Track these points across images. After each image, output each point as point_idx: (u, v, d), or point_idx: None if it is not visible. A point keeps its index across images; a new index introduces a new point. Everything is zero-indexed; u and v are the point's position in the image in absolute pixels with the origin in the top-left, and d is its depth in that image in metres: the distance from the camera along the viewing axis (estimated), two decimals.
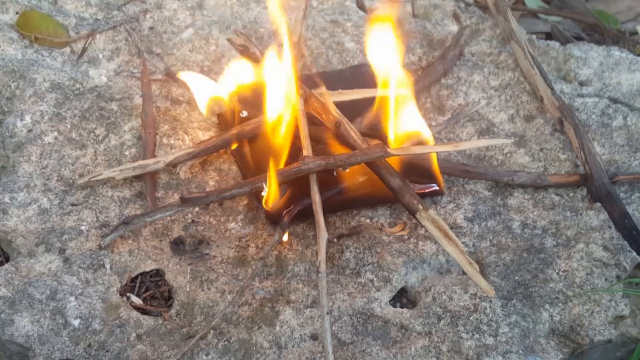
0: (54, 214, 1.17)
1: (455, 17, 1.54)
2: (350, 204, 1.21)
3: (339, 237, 1.17)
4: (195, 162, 1.25)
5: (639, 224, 1.17)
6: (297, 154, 1.15)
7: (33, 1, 1.46)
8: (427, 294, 1.13)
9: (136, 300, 1.11)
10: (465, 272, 1.08)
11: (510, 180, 1.25)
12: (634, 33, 1.76)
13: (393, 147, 1.16)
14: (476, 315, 1.09)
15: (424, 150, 1.17)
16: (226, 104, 1.28)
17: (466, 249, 1.15)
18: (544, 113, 1.37)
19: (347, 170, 1.16)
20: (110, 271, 1.12)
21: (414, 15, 1.57)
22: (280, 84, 1.18)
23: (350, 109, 1.21)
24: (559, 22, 1.76)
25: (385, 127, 1.18)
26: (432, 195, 1.23)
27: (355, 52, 1.45)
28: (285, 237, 1.15)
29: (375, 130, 1.20)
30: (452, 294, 1.11)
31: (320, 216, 1.09)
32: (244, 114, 1.25)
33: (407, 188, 1.11)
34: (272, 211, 1.15)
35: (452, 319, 1.09)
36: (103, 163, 1.25)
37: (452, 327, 1.08)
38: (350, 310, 1.10)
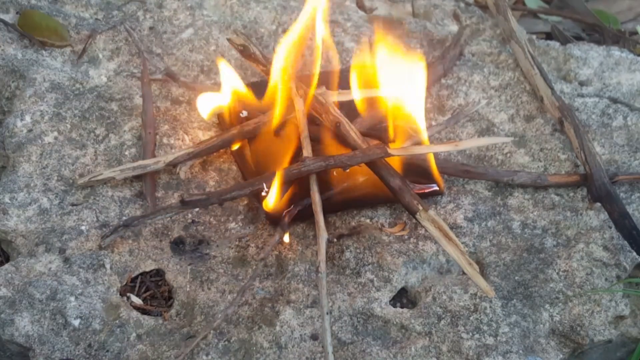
0: (54, 214, 1.17)
1: (455, 17, 1.54)
2: (350, 204, 1.21)
3: (339, 237, 1.17)
4: (195, 162, 1.25)
5: (639, 224, 1.17)
6: (298, 154, 1.15)
7: (33, 1, 1.46)
8: (427, 294, 1.12)
9: (136, 300, 1.11)
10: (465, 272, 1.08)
11: (510, 180, 1.25)
12: (634, 33, 1.76)
13: (393, 147, 1.16)
14: (476, 315, 1.09)
15: (424, 150, 1.17)
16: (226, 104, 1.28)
17: (466, 249, 1.15)
18: (544, 113, 1.37)
19: (347, 170, 1.16)
20: (111, 271, 1.12)
21: (414, 15, 1.57)
22: (280, 84, 1.18)
23: (350, 109, 1.21)
24: (559, 22, 1.76)
25: (389, 125, 1.18)
26: (432, 196, 1.23)
27: (355, 52, 1.45)
28: (286, 238, 1.15)
29: (375, 130, 1.20)
30: (452, 294, 1.11)
31: (320, 216, 1.09)
32: (244, 114, 1.25)
33: (407, 188, 1.11)
34: (272, 211, 1.15)
35: (452, 319, 1.09)
36: (103, 163, 1.24)
37: (452, 327, 1.08)
38: (350, 310, 1.09)
